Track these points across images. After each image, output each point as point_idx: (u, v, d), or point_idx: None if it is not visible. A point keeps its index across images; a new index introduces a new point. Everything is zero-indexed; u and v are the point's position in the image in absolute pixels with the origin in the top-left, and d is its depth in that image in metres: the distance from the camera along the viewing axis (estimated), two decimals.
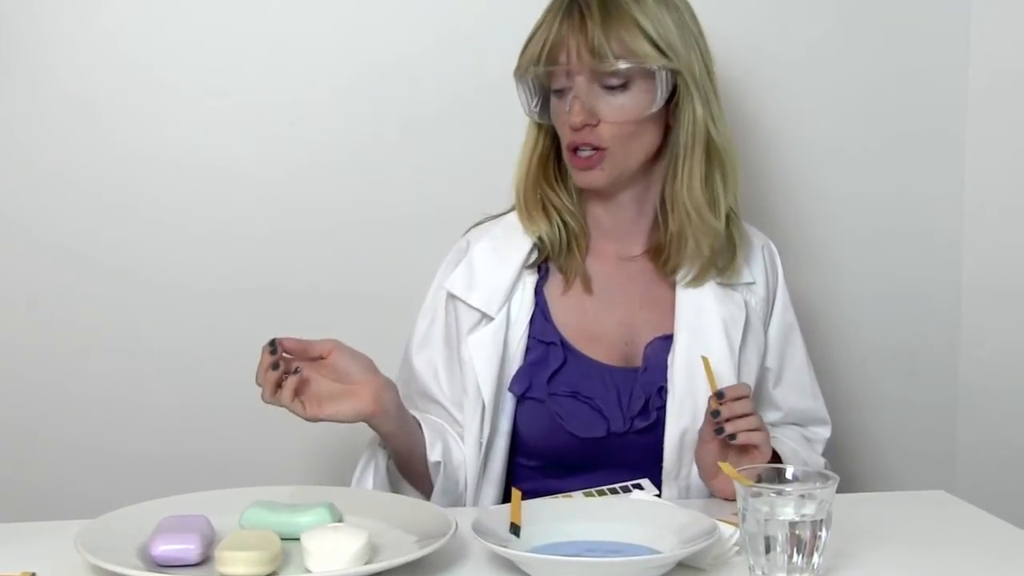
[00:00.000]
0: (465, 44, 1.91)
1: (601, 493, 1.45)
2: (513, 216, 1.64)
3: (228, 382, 1.84)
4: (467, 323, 1.58)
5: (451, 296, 1.60)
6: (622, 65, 1.50)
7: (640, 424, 1.55)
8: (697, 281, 1.59)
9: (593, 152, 1.54)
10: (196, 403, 1.92)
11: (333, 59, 1.92)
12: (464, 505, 1.56)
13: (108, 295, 1.90)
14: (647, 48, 1.50)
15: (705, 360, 1.48)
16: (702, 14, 1.59)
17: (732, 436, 1.42)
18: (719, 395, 1.44)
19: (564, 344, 1.57)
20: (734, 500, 1.21)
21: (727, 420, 1.42)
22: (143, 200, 1.90)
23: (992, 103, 2.06)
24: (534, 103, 1.58)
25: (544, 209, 1.61)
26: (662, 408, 1.55)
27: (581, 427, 1.54)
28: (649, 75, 1.52)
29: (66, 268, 1.90)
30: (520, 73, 1.57)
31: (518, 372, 1.57)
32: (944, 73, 2.06)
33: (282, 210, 1.93)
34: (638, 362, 1.58)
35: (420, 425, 1.53)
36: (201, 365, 1.92)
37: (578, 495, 1.43)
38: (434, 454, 1.52)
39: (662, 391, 1.55)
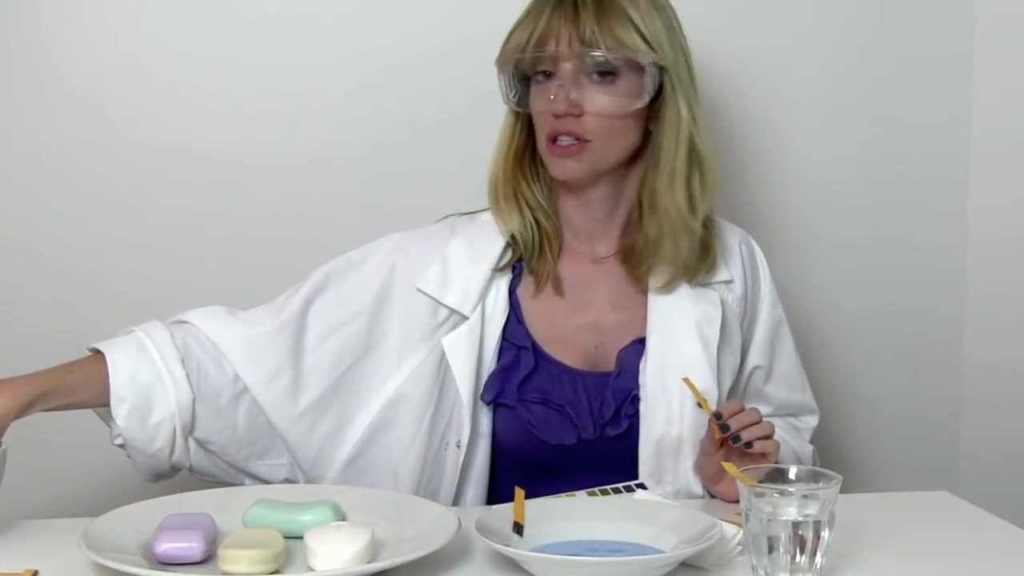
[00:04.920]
0: (465, 46, 1.90)
1: (604, 492, 1.45)
2: (487, 215, 1.62)
3: None
4: (428, 321, 1.56)
5: (421, 293, 1.56)
6: (612, 55, 1.49)
7: (611, 432, 1.54)
8: (667, 288, 1.57)
9: (574, 142, 1.53)
10: None
11: (338, 57, 1.91)
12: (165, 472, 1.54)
13: (112, 292, 1.90)
14: (638, 42, 1.50)
15: (687, 381, 1.49)
16: (700, 14, 1.58)
17: (748, 444, 1.43)
18: (717, 416, 1.44)
19: (535, 348, 1.56)
20: (737, 502, 1.21)
21: (742, 429, 1.43)
22: (139, 201, 1.90)
23: (997, 102, 2.06)
24: (513, 93, 1.57)
25: (517, 204, 1.59)
26: (635, 416, 1.53)
27: (552, 434, 1.53)
28: (637, 70, 1.51)
29: (72, 265, 1.90)
30: (503, 62, 1.56)
31: (490, 377, 1.55)
32: (948, 79, 2.06)
33: (283, 209, 1.93)
34: (609, 366, 1.57)
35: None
36: None
37: (581, 495, 1.42)
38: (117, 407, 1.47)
39: (635, 399, 1.54)
